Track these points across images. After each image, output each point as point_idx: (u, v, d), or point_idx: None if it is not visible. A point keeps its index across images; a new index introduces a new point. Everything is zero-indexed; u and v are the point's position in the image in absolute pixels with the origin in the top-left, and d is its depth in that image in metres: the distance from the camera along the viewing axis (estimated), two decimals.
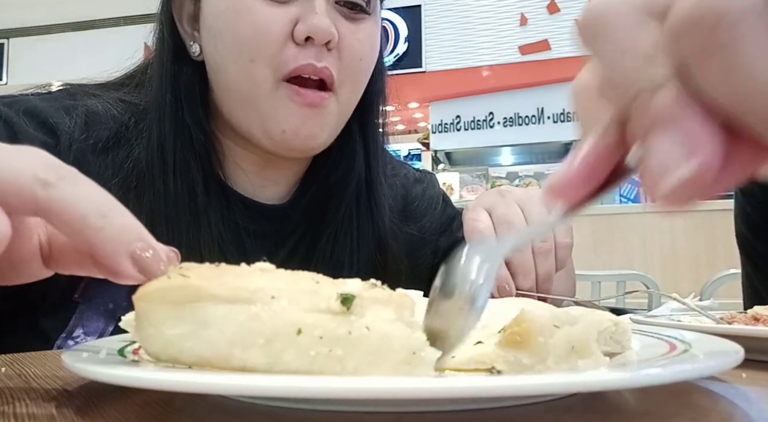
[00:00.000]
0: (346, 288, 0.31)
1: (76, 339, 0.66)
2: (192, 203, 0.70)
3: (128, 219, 0.35)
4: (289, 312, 0.29)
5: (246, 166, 0.77)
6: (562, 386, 0.28)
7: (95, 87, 0.77)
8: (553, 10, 5.17)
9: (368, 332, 0.29)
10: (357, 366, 0.29)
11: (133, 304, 0.32)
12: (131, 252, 0.33)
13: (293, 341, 0.29)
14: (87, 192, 0.34)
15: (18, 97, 0.70)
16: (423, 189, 0.95)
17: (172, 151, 0.70)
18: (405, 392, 0.26)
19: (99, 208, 0.34)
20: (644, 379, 0.28)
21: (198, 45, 0.73)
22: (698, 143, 0.22)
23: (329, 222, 0.79)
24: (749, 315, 0.58)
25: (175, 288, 0.30)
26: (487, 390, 0.26)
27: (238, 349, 0.29)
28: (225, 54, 0.69)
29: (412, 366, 0.30)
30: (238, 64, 0.68)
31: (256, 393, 0.30)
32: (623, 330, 0.41)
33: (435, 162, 5.89)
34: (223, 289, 0.30)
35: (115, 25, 5.97)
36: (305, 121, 0.70)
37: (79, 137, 0.68)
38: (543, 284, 0.71)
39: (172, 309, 0.30)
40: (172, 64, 0.73)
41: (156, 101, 0.72)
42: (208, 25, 0.71)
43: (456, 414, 0.31)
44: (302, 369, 0.29)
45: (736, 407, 0.33)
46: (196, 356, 0.29)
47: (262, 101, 0.69)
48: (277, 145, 0.72)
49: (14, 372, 0.43)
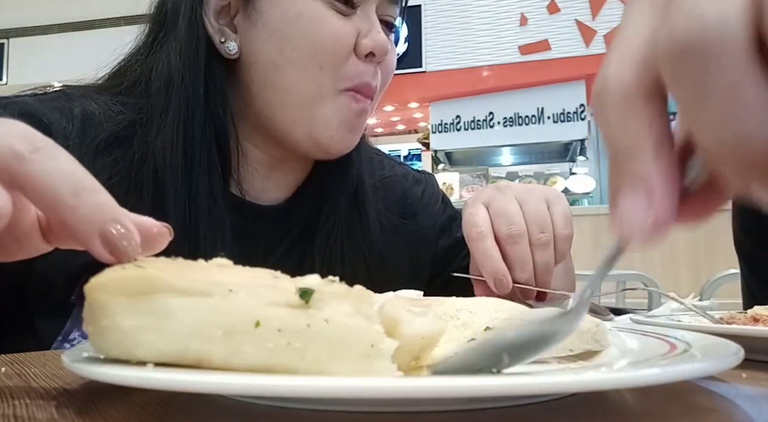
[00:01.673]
0: (305, 282, 0.31)
1: (72, 342, 0.66)
2: (212, 207, 0.69)
3: (101, 198, 0.34)
4: (247, 305, 0.29)
5: (256, 167, 0.77)
6: (562, 386, 0.28)
7: (92, 88, 0.76)
8: (553, 10, 5.17)
9: (327, 325, 0.29)
10: (316, 359, 0.29)
11: None
12: (102, 232, 0.33)
13: (252, 333, 0.28)
14: (61, 167, 0.34)
15: (13, 99, 0.70)
16: (422, 189, 0.95)
17: (198, 151, 0.69)
18: (405, 392, 0.26)
19: (72, 185, 0.33)
20: (644, 379, 0.28)
21: (234, 43, 0.72)
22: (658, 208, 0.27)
23: (323, 223, 0.79)
24: (749, 316, 0.58)
25: (131, 278, 0.29)
26: (487, 390, 0.26)
27: (196, 342, 0.28)
28: (293, 58, 0.69)
29: (371, 358, 0.30)
30: (307, 69, 0.69)
31: (256, 393, 0.30)
32: (603, 330, 0.43)
33: (435, 162, 5.89)
34: (181, 281, 0.29)
35: (115, 25, 5.97)
36: (353, 127, 0.73)
37: (76, 138, 0.68)
38: (541, 276, 0.70)
39: (128, 300, 0.29)
40: (204, 61, 0.71)
41: (183, 99, 0.70)
42: (274, 28, 0.70)
43: (456, 414, 0.31)
44: (261, 362, 0.28)
45: (736, 407, 0.33)
46: (152, 349, 0.29)
47: (321, 105, 0.71)
48: (316, 148, 0.73)
49: (14, 372, 0.43)
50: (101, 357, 0.32)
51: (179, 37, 0.72)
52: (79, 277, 0.66)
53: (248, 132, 0.76)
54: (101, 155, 0.69)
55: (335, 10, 0.70)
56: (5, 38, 6.41)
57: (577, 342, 0.41)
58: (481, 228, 0.70)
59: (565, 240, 0.72)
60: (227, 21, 0.72)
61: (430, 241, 0.92)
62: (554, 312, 0.34)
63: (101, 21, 6.12)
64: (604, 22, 5.06)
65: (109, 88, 0.76)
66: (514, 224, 0.69)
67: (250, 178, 0.77)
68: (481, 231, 0.70)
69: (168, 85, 0.71)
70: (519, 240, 0.69)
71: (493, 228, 0.70)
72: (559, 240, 0.71)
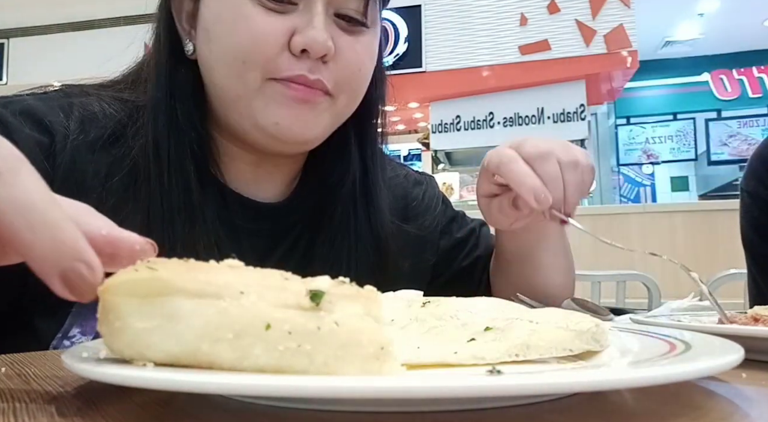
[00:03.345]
0: (315, 284, 0.31)
1: (72, 339, 0.66)
2: (187, 201, 0.69)
3: (62, 234, 0.31)
4: (258, 307, 0.29)
5: (241, 164, 0.78)
6: (562, 386, 0.28)
7: (92, 86, 0.77)
8: (553, 10, 5.17)
9: (337, 327, 0.29)
10: (325, 362, 0.29)
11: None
12: (62, 273, 0.31)
13: (262, 336, 0.29)
14: (19, 198, 0.31)
15: (13, 98, 0.70)
16: (423, 191, 0.96)
17: (167, 149, 0.70)
18: (405, 392, 0.26)
19: (28, 219, 0.31)
20: (644, 379, 0.28)
21: (192, 44, 0.73)
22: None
23: (326, 223, 0.79)
24: (749, 316, 0.58)
25: (144, 280, 0.30)
26: (487, 390, 0.26)
27: (207, 344, 0.28)
28: (219, 57, 0.70)
29: (380, 361, 0.30)
30: (231, 66, 0.69)
31: (256, 393, 0.30)
32: (602, 330, 0.43)
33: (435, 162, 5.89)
34: (192, 283, 0.29)
35: (115, 25, 5.97)
36: (298, 114, 0.70)
37: (76, 136, 0.68)
38: (572, 197, 0.70)
39: (140, 302, 0.29)
40: (168, 62, 0.73)
41: (152, 99, 0.72)
42: (205, 28, 0.71)
43: (456, 414, 0.31)
44: (270, 364, 0.29)
45: (736, 407, 0.33)
46: (163, 351, 0.29)
47: (252, 97, 0.69)
48: (271, 139, 0.72)
49: (14, 372, 0.43)
50: (101, 357, 0.32)
51: (155, 39, 0.74)
52: None
53: (223, 130, 0.76)
54: (101, 153, 0.69)
55: (263, 7, 0.68)
56: (5, 38, 6.41)
57: (577, 342, 0.41)
58: (511, 153, 0.70)
59: (590, 170, 0.72)
60: (194, 23, 0.74)
61: (432, 242, 0.92)
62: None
63: (101, 21, 6.12)
64: (604, 22, 5.06)
65: (111, 84, 0.77)
66: (542, 147, 0.70)
67: (240, 175, 0.78)
68: (512, 155, 0.70)
69: (147, 87, 0.73)
70: (549, 159, 0.69)
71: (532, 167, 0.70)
72: (584, 171, 0.71)
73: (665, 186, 8.28)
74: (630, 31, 5.01)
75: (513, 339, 0.40)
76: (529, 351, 0.39)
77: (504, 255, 0.87)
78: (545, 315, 0.45)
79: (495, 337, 0.41)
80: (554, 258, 0.86)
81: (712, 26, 6.91)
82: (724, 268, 2.10)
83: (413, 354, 0.39)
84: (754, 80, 7.86)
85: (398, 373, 0.30)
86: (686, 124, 8.00)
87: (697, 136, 7.86)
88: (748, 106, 7.81)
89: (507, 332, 0.41)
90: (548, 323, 0.43)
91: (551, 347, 0.40)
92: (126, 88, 0.76)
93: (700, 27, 7.01)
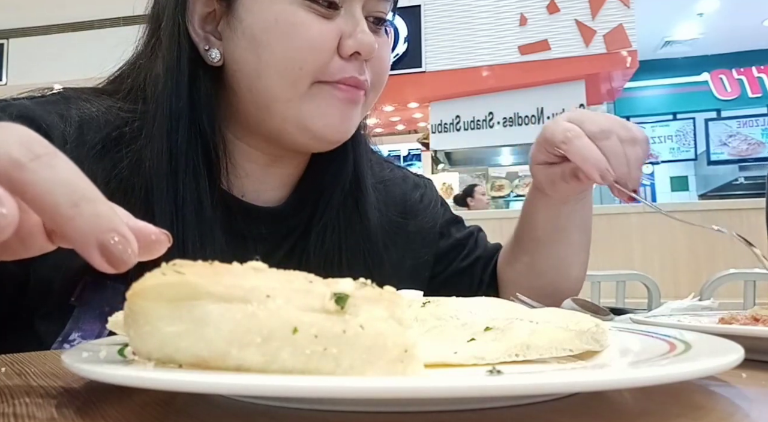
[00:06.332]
0: (339, 287, 0.31)
1: (72, 343, 0.66)
2: (199, 215, 0.69)
3: (99, 208, 0.34)
4: (285, 311, 0.29)
5: (252, 165, 0.77)
6: (562, 386, 0.28)
7: (91, 91, 0.75)
8: (553, 10, 5.18)
9: (362, 331, 0.30)
10: (351, 365, 0.29)
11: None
12: (100, 243, 0.33)
13: (290, 339, 0.29)
14: (60, 177, 0.34)
15: (11, 102, 0.69)
16: (421, 193, 0.96)
17: (184, 160, 0.69)
18: (405, 392, 0.26)
19: (70, 195, 0.33)
20: (644, 379, 0.28)
21: (217, 50, 0.71)
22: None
23: (320, 223, 0.79)
24: (749, 315, 0.58)
25: (171, 285, 0.30)
26: (487, 390, 0.26)
27: (235, 348, 0.29)
28: (272, 64, 0.69)
29: (404, 364, 0.30)
30: (287, 73, 0.69)
31: (256, 393, 0.30)
32: (602, 330, 0.43)
33: (435, 162, 5.90)
34: (219, 287, 0.29)
35: (115, 25, 5.97)
36: (345, 114, 0.73)
37: (73, 142, 0.67)
38: (635, 172, 0.73)
39: (168, 306, 0.29)
40: (187, 69, 0.71)
41: (167, 108, 0.70)
42: (252, 35, 0.69)
43: (456, 414, 0.31)
44: (297, 368, 0.29)
45: (736, 407, 0.33)
46: (192, 355, 0.29)
47: (302, 101, 0.70)
48: (312, 140, 0.73)
49: (14, 372, 0.43)
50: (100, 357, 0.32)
51: (163, 45, 0.72)
52: (78, 279, 0.66)
53: (242, 133, 0.76)
54: (99, 158, 0.68)
55: (314, 13, 0.69)
56: (5, 38, 6.41)
57: (577, 342, 0.41)
58: (573, 129, 0.73)
59: (645, 141, 0.75)
60: (212, 28, 0.72)
61: (431, 242, 0.92)
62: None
63: (101, 21, 6.12)
64: (604, 22, 5.06)
65: (108, 92, 0.76)
66: (604, 124, 0.73)
67: (245, 179, 0.77)
68: (577, 131, 0.73)
69: (155, 93, 0.71)
70: (610, 136, 0.72)
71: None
72: (643, 147, 0.74)
73: (665, 186, 8.28)
74: (629, 31, 5.02)
75: (513, 339, 0.40)
76: (529, 351, 0.39)
77: (536, 233, 0.88)
78: (545, 315, 0.45)
79: (495, 337, 0.41)
80: (583, 235, 0.91)
81: (711, 26, 6.92)
82: (723, 268, 2.10)
83: None
84: (754, 80, 7.87)
85: (422, 375, 0.30)
86: (686, 124, 8.01)
87: (697, 136, 7.87)
88: (748, 106, 7.82)
89: (507, 332, 0.41)
90: (548, 323, 0.43)
91: (551, 347, 0.40)
92: (123, 94, 0.75)
93: (699, 27, 7.02)
